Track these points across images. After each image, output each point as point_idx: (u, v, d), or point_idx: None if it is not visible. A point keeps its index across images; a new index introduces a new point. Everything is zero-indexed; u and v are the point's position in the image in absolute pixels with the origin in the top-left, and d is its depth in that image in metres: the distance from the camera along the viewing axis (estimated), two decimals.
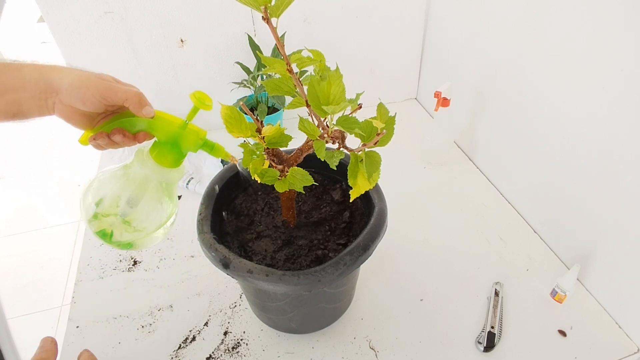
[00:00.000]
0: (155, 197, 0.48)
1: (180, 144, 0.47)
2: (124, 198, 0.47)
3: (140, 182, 0.48)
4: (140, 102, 0.45)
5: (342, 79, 0.42)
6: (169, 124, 0.47)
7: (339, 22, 1.05)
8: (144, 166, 0.47)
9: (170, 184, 0.50)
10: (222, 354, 0.64)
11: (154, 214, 0.49)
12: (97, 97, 0.43)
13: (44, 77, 0.43)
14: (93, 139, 0.46)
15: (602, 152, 0.65)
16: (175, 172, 0.49)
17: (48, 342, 0.46)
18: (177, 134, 0.47)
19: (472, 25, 0.92)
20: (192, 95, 0.45)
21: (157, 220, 0.49)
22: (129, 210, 0.47)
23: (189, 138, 0.47)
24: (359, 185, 0.47)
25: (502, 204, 0.90)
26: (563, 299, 0.69)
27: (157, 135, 0.48)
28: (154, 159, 0.47)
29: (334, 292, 0.60)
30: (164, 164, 0.47)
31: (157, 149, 0.47)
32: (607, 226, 0.66)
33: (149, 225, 0.48)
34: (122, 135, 0.46)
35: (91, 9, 0.89)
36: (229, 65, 1.04)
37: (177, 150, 0.48)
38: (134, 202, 0.47)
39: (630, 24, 0.56)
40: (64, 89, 0.43)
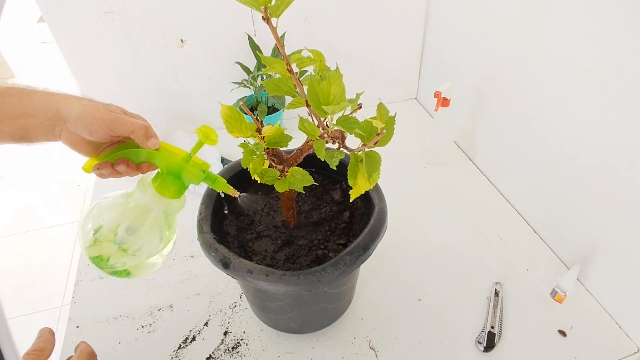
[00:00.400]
0: (154, 226, 0.49)
1: (183, 176, 0.48)
2: (123, 226, 0.47)
3: (141, 211, 0.48)
4: (146, 134, 0.46)
5: (342, 79, 0.42)
6: (173, 156, 0.48)
7: (339, 22, 1.05)
8: (145, 195, 0.48)
9: (170, 214, 0.50)
10: (222, 354, 0.64)
11: (151, 242, 0.49)
12: (104, 128, 0.44)
13: (54, 106, 0.44)
14: (97, 168, 0.47)
15: (602, 152, 0.65)
16: (176, 202, 0.49)
17: (46, 332, 0.47)
18: (180, 166, 0.47)
19: (472, 25, 0.92)
20: (198, 130, 0.46)
21: (154, 248, 0.50)
22: (127, 238, 0.47)
23: (192, 171, 0.48)
24: (359, 185, 0.47)
25: (502, 204, 0.90)
26: (563, 299, 0.69)
27: (161, 166, 0.48)
28: (156, 189, 0.47)
29: (334, 292, 0.60)
30: (165, 195, 0.48)
31: (160, 179, 0.48)
32: (607, 226, 0.66)
33: (145, 252, 0.49)
34: (126, 165, 0.47)
35: (91, 9, 0.89)
36: (229, 65, 1.04)
37: (180, 182, 0.48)
38: (133, 231, 0.48)
39: (631, 24, 0.56)
40: (71, 118, 0.44)
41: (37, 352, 0.43)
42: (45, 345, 0.44)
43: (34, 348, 0.44)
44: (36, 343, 0.44)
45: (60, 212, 1.89)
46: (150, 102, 1.06)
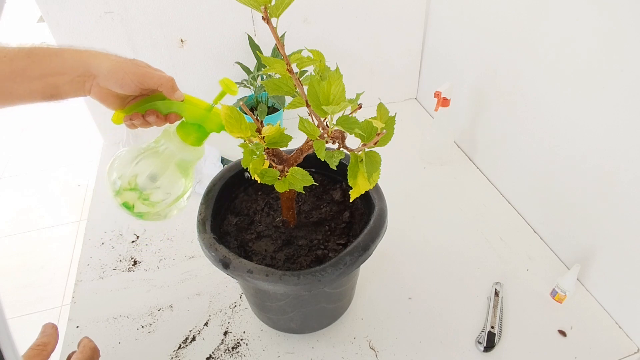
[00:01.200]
0: (174, 174, 0.53)
1: (206, 124, 0.52)
2: (146, 173, 0.51)
3: (164, 158, 0.52)
4: (173, 87, 0.50)
5: (342, 79, 0.42)
6: (197, 107, 0.52)
7: (339, 22, 1.05)
8: (170, 142, 0.52)
9: (190, 163, 0.55)
10: (222, 354, 0.64)
11: (171, 189, 0.53)
12: (135, 82, 0.47)
13: (83, 62, 0.46)
14: (129, 118, 0.50)
15: (602, 152, 0.65)
16: (196, 150, 0.54)
17: (49, 327, 0.47)
18: (203, 115, 0.52)
19: (472, 25, 0.92)
20: (221, 81, 0.50)
21: (174, 195, 0.54)
22: (149, 184, 0.52)
23: (214, 120, 0.52)
24: (359, 185, 0.47)
25: (502, 204, 0.90)
26: (563, 299, 0.69)
27: (186, 116, 0.52)
28: (180, 136, 0.52)
29: (334, 292, 0.60)
30: (188, 142, 0.52)
31: (184, 128, 0.52)
32: (607, 226, 0.66)
33: (165, 199, 0.53)
34: (155, 116, 0.50)
35: (91, 9, 0.89)
36: (229, 65, 1.04)
37: (202, 130, 0.52)
38: (155, 177, 0.52)
39: (631, 24, 0.56)
40: (102, 74, 0.46)
41: (41, 347, 0.44)
42: (49, 340, 0.45)
43: (37, 343, 0.44)
44: (39, 338, 0.45)
45: (60, 212, 1.89)
46: None
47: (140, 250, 0.82)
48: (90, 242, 0.84)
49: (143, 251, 0.82)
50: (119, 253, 0.81)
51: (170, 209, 0.54)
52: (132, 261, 0.80)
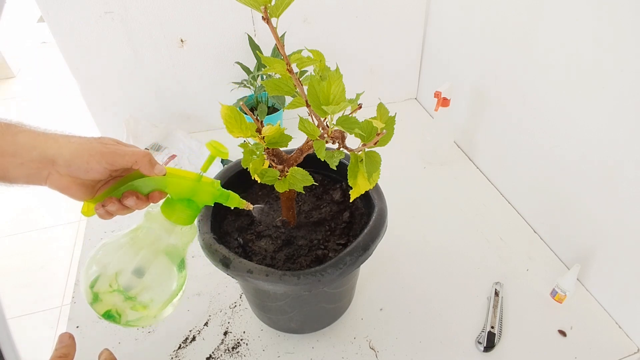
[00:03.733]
0: (164, 264, 0.45)
1: (196, 197, 0.45)
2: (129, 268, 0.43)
3: (148, 246, 0.44)
4: (151, 161, 0.44)
5: (342, 79, 0.42)
6: (183, 179, 0.45)
7: (339, 22, 1.05)
8: (154, 227, 0.45)
9: (181, 248, 0.47)
10: (222, 354, 0.64)
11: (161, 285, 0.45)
12: (103, 164, 0.41)
13: (39, 147, 0.40)
14: (102, 205, 0.43)
15: (602, 152, 0.65)
16: (187, 231, 0.47)
17: (66, 337, 0.46)
18: (192, 187, 0.45)
19: (472, 25, 0.92)
20: (208, 144, 0.44)
21: (166, 293, 0.45)
22: (134, 281, 0.43)
23: (205, 190, 0.45)
24: (359, 185, 0.47)
25: (502, 204, 0.90)
26: (563, 299, 0.69)
27: (171, 192, 0.45)
28: (166, 216, 0.45)
29: (334, 292, 0.60)
30: (177, 221, 0.45)
31: (170, 206, 0.45)
32: (607, 226, 0.66)
33: (156, 299, 0.45)
34: (135, 197, 0.44)
35: (91, 9, 0.89)
36: (229, 65, 1.04)
37: (192, 205, 0.45)
38: (141, 272, 0.43)
39: (630, 24, 0.56)
40: (63, 159, 0.40)
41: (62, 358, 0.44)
42: (68, 351, 0.45)
43: (57, 354, 0.43)
44: (59, 349, 0.44)
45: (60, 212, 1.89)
46: (150, 102, 1.06)
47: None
48: (90, 242, 0.84)
49: None
50: None
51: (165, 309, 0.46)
52: None
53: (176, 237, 0.46)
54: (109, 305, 0.43)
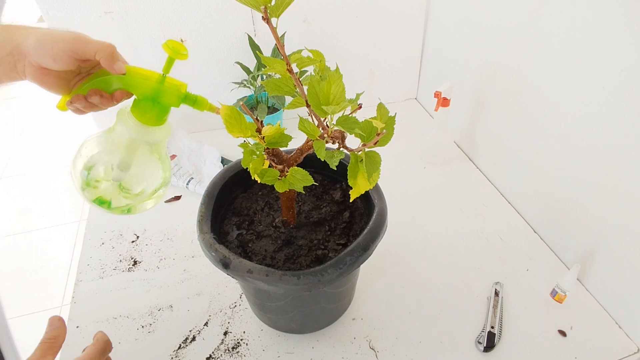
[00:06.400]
0: (145, 158, 0.47)
1: (161, 99, 0.46)
2: (114, 162, 0.45)
3: (127, 144, 0.46)
4: (113, 55, 0.43)
5: (342, 79, 0.42)
6: (146, 79, 0.45)
7: (339, 22, 1.05)
8: (127, 127, 0.46)
9: (157, 143, 0.48)
10: (222, 354, 0.64)
11: (148, 175, 0.48)
12: (67, 51, 0.41)
13: (11, 40, 0.41)
14: (70, 102, 0.44)
15: (603, 152, 0.65)
16: (160, 130, 0.47)
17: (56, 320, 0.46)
18: (156, 88, 0.45)
19: (472, 25, 0.92)
20: (164, 45, 0.43)
21: (153, 181, 0.48)
22: (122, 174, 0.46)
23: (170, 92, 0.45)
24: (359, 185, 0.47)
25: (502, 204, 0.90)
26: (563, 299, 0.69)
27: (136, 92, 0.46)
28: (136, 117, 0.45)
29: (334, 292, 0.60)
30: (147, 122, 0.46)
31: (138, 107, 0.46)
32: (607, 226, 0.66)
33: (146, 187, 0.47)
34: (99, 96, 0.44)
35: (91, 9, 0.89)
36: (229, 65, 1.04)
37: (159, 106, 0.46)
38: (125, 166, 0.46)
39: (631, 24, 0.56)
40: (31, 47, 0.40)
41: (52, 340, 0.43)
42: (58, 333, 0.44)
43: (47, 337, 0.43)
44: (48, 332, 0.44)
45: (60, 212, 1.89)
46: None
47: (140, 250, 0.82)
48: (90, 242, 0.84)
49: (143, 251, 0.82)
50: (119, 253, 0.81)
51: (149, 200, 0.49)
52: (132, 261, 0.80)
53: (151, 135, 0.47)
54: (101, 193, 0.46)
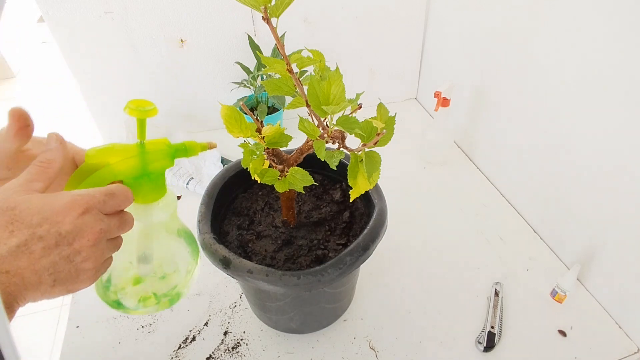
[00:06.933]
0: (164, 240, 0.43)
1: (151, 167, 0.39)
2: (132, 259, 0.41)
3: (138, 234, 0.41)
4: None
5: (342, 79, 0.42)
6: (123, 160, 0.38)
7: (339, 22, 1.05)
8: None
9: (169, 220, 0.43)
10: (222, 354, 0.64)
11: (175, 257, 0.44)
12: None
13: None
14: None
15: (603, 152, 0.65)
16: (165, 202, 0.42)
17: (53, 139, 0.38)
18: (140, 162, 0.39)
19: (472, 26, 0.92)
20: (127, 108, 0.38)
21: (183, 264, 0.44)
22: (147, 267, 0.42)
23: (156, 156, 0.39)
24: (359, 185, 0.47)
25: (502, 204, 0.90)
26: (563, 299, 0.69)
27: (121, 176, 0.39)
28: (136, 201, 0.40)
29: (334, 292, 0.60)
30: (147, 201, 0.40)
31: (131, 189, 0.39)
32: (607, 226, 0.66)
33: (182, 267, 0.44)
34: None
35: (91, 9, 0.89)
36: (229, 65, 1.04)
37: (152, 177, 0.40)
38: (146, 258, 0.42)
39: (631, 24, 0.56)
40: None
41: (45, 163, 0.36)
42: (54, 157, 0.37)
43: (40, 159, 0.36)
44: (42, 153, 0.37)
45: None
46: None
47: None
48: None
49: None
50: None
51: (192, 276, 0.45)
52: None
53: (157, 212, 0.41)
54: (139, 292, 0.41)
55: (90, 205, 0.34)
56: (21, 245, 0.31)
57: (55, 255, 0.32)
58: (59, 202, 0.33)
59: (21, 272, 0.31)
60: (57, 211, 0.32)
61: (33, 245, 0.31)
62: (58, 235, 0.32)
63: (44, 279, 0.32)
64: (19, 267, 0.31)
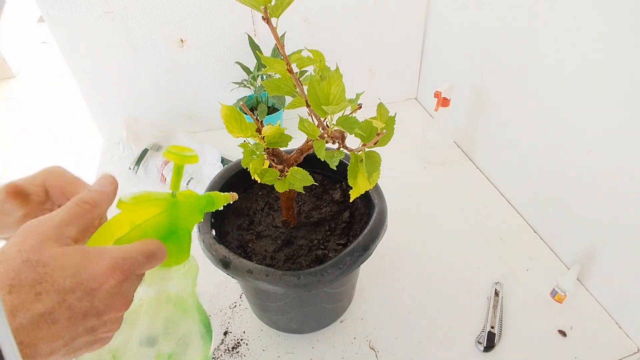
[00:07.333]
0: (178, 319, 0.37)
1: (181, 223, 0.34)
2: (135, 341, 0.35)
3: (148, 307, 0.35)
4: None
5: (342, 79, 0.42)
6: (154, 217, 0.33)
7: (339, 22, 1.05)
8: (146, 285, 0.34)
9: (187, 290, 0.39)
10: (222, 354, 0.64)
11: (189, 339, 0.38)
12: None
13: None
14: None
15: (603, 152, 0.65)
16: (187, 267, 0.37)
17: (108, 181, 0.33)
18: (170, 216, 0.33)
19: (472, 25, 0.92)
20: (165, 153, 0.34)
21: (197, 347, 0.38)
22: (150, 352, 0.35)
23: (188, 209, 0.35)
24: (359, 185, 0.47)
25: (502, 204, 0.90)
26: (563, 299, 0.69)
27: (150, 235, 0.33)
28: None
29: (334, 292, 0.60)
30: (171, 264, 0.35)
31: None
32: (607, 226, 0.66)
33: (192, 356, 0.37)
34: None
35: (91, 9, 0.89)
36: (229, 65, 1.04)
37: (181, 235, 0.35)
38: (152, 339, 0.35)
39: (631, 24, 0.56)
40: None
41: (88, 206, 0.31)
42: (101, 200, 0.32)
43: (84, 199, 0.31)
44: (89, 193, 0.32)
45: None
46: (150, 102, 1.06)
47: None
48: None
49: None
50: None
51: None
52: None
53: (176, 280, 0.36)
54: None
55: (131, 271, 0.29)
56: (46, 314, 0.26)
57: (79, 327, 0.27)
58: (99, 266, 0.28)
59: (36, 343, 0.26)
60: (94, 276, 0.28)
61: (59, 315, 0.26)
62: (90, 305, 0.27)
63: (58, 349, 0.27)
64: (35, 338, 0.26)
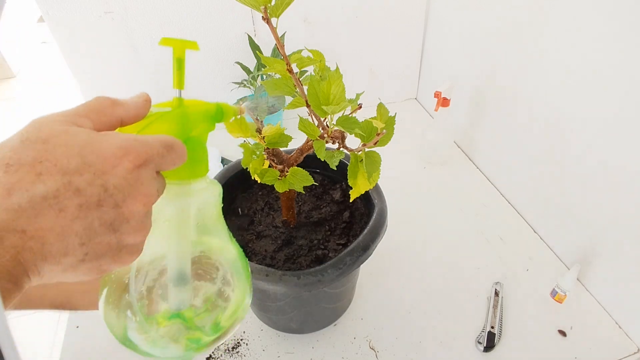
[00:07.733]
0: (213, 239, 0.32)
1: (191, 130, 0.30)
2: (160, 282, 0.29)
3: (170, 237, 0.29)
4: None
5: (342, 79, 0.42)
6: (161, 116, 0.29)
7: (339, 22, 1.05)
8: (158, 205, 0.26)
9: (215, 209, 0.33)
10: (222, 354, 0.64)
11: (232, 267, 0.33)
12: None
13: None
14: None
15: (603, 152, 0.65)
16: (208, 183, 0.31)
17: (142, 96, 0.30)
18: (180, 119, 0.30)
19: (472, 25, 0.92)
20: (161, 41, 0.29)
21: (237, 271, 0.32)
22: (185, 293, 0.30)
23: (197, 116, 0.31)
24: (359, 185, 0.47)
25: (502, 204, 0.90)
26: (563, 299, 0.69)
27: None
28: (170, 177, 0.28)
29: (334, 292, 0.60)
30: (186, 177, 0.29)
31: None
32: (607, 226, 0.66)
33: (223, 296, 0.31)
34: None
35: (91, 9, 0.89)
36: (229, 65, 1.04)
37: (195, 144, 0.29)
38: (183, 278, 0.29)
39: (631, 24, 0.56)
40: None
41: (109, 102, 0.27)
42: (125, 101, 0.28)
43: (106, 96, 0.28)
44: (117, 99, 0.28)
45: None
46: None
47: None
48: None
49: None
50: None
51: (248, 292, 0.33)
52: None
53: (199, 196, 0.30)
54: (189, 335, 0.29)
55: (148, 157, 0.24)
56: (49, 197, 0.21)
57: (94, 219, 0.22)
58: (109, 145, 0.23)
59: (42, 234, 0.21)
60: (105, 156, 0.23)
61: (66, 200, 0.21)
62: (103, 191, 0.22)
63: (73, 248, 0.22)
64: (40, 228, 0.21)
